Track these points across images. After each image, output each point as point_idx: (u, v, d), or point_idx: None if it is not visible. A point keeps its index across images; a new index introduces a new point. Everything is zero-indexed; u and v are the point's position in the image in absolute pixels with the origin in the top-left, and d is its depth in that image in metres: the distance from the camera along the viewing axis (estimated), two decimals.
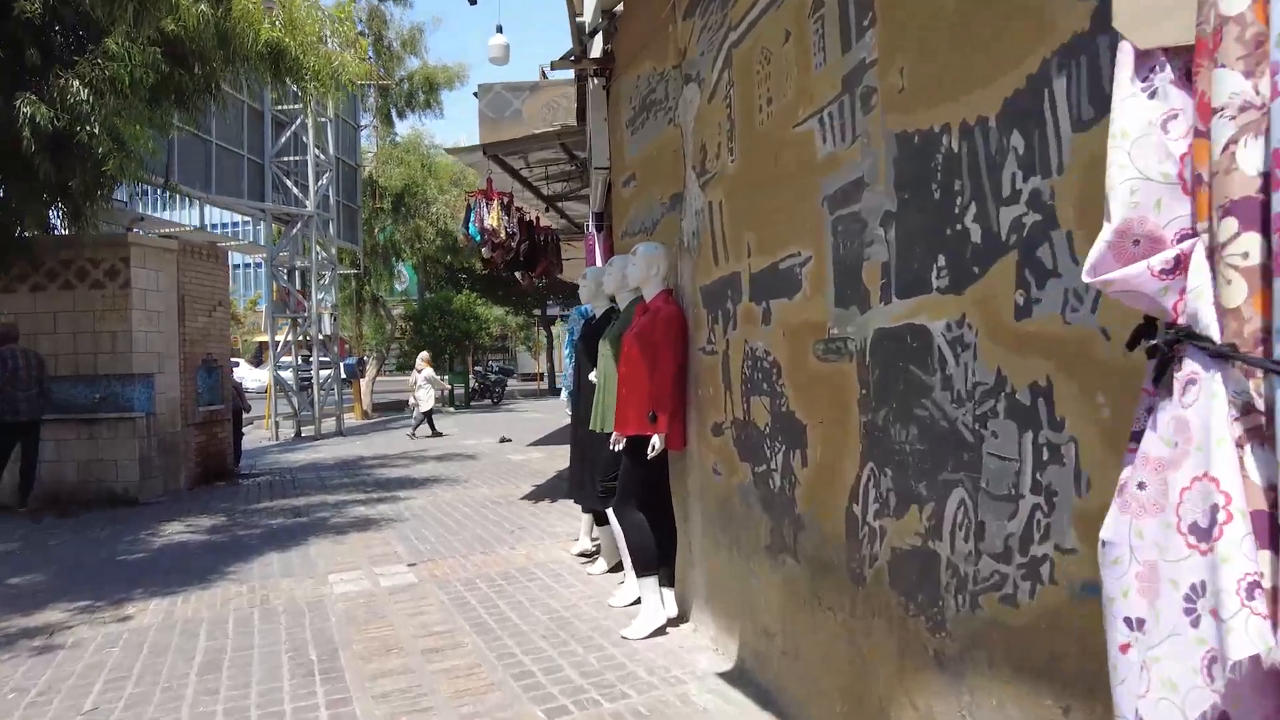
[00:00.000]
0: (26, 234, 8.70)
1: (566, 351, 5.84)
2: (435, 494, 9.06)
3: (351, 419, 20.30)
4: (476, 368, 29.51)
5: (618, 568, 5.38)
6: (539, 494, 8.74)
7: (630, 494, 4.18)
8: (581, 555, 5.87)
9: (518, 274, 9.30)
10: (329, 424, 17.77)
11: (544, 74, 12.70)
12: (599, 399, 4.77)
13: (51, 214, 8.99)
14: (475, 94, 13.65)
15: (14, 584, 5.86)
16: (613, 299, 5.12)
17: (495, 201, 7.46)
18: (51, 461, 9.11)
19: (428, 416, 16.04)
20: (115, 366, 9.18)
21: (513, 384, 33.71)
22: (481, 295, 27.54)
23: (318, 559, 6.20)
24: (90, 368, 9.21)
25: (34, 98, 7.05)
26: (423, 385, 16.04)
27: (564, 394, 6.74)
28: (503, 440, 14.52)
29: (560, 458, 11.46)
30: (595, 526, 5.55)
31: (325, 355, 18.05)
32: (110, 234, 9.11)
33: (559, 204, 10.17)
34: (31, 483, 8.75)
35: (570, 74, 13.14)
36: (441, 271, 27.12)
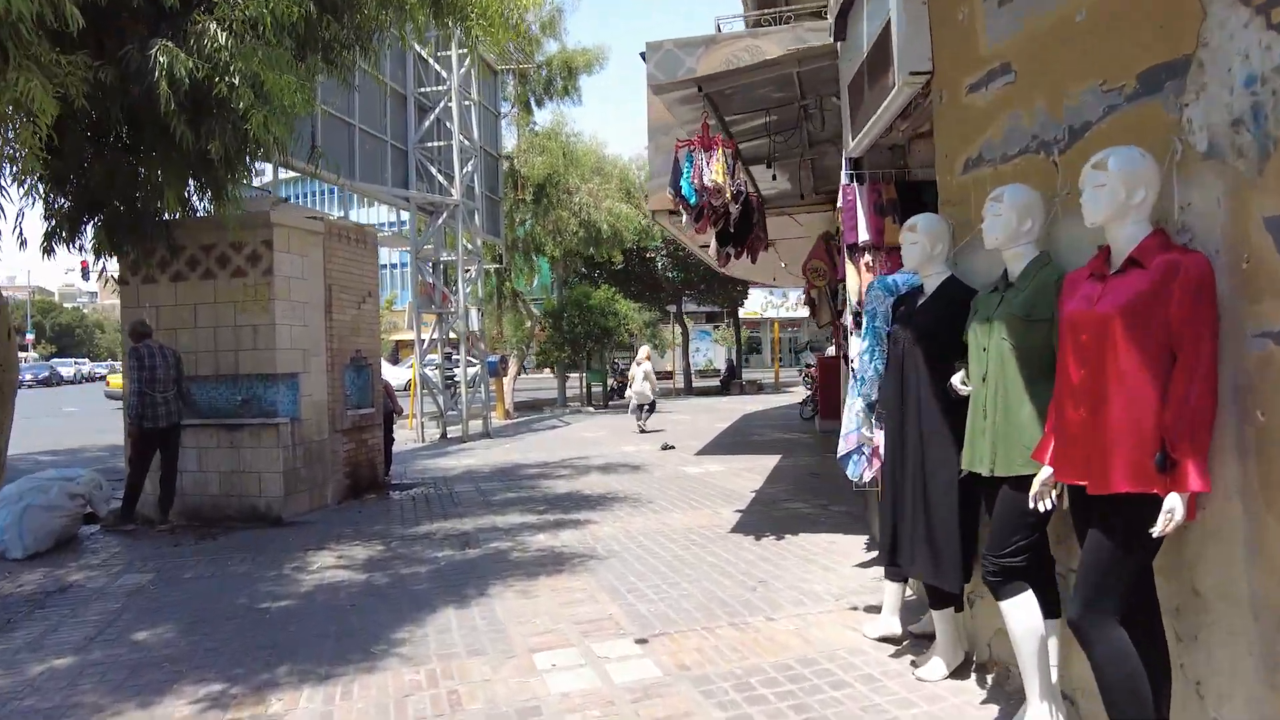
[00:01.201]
0: (166, 215, 7.62)
1: (867, 344, 4.06)
2: (621, 518, 7.47)
3: (494, 419, 19.20)
4: (624, 367, 28.20)
5: (961, 671, 3.58)
6: (752, 526, 7.02)
7: (1115, 596, 2.36)
8: (885, 640, 4.09)
9: (716, 251, 7.59)
10: (475, 425, 16.65)
11: (719, 28, 11.07)
12: (980, 421, 2.99)
13: (191, 195, 7.89)
14: (641, 55, 12.13)
15: (140, 641, 4.57)
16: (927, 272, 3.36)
17: (719, 150, 5.77)
18: (193, 472, 8.05)
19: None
20: (257, 365, 8.02)
21: None
22: (619, 290, 26.14)
23: (508, 621, 4.66)
24: (231, 367, 8.09)
25: (171, 45, 5.85)
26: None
27: (854, 404, 4.99)
28: (665, 448, 12.91)
29: (747, 474, 9.73)
30: (921, 607, 3.74)
31: (470, 353, 16.94)
32: (252, 213, 7.96)
33: (768, 167, 8.39)
34: (172, 495, 7.69)
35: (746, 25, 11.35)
36: (580, 265, 25.90)
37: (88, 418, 23.27)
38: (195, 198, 7.43)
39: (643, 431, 15.71)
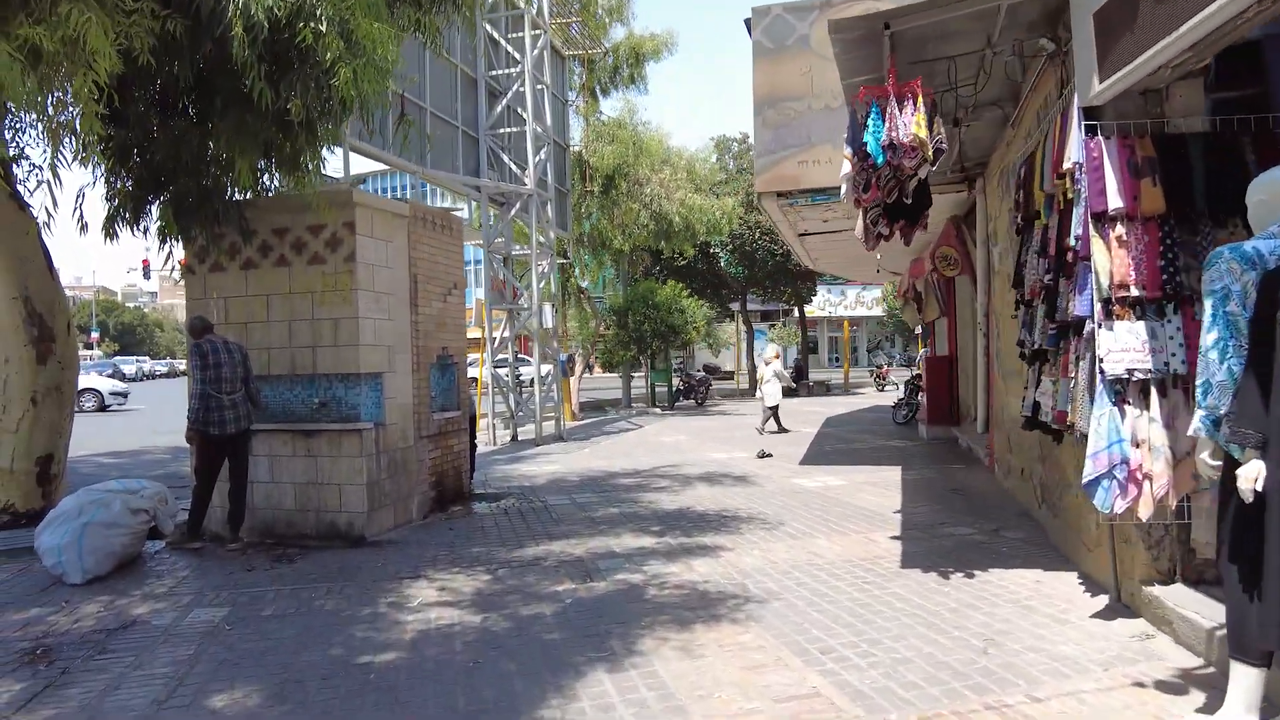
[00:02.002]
0: (237, 193, 6.75)
1: (1215, 337, 2.91)
2: (758, 545, 6.39)
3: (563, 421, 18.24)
4: (679, 365, 27.15)
5: None
6: (923, 557, 5.90)
7: None
8: None
9: (866, 229, 6.46)
10: (546, 427, 15.70)
11: None
12: None
13: (264, 171, 6.99)
14: (746, 22, 11.04)
15: (218, 710, 3.62)
16: None
17: (919, 99, 4.64)
18: (265, 483, 7.16)
19: (773, 412, 14.94)
20: (338, 363, 7.10)
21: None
22: (687, 287, 25.06)
23: (683, 693, 3.62)
24: (308, 365, 7.18)
25: None
26: (770, 379, 14.77)
27: (1103, 413, 3.86)
28: (763, 455, 11.80)
29: (872, 489, 8.58)
30: None
31: (544, 352, 16.00)
32: (333, 190, 7.05)
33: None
34: (242, 511, 6.81)
35: None
36: (647, 260, 24.89)
37: (149, 417, 22.88)
38: (268, 175, 6.53)
39: (776, 431, 15.05)
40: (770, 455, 11.85)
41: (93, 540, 5.85)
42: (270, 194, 7.09)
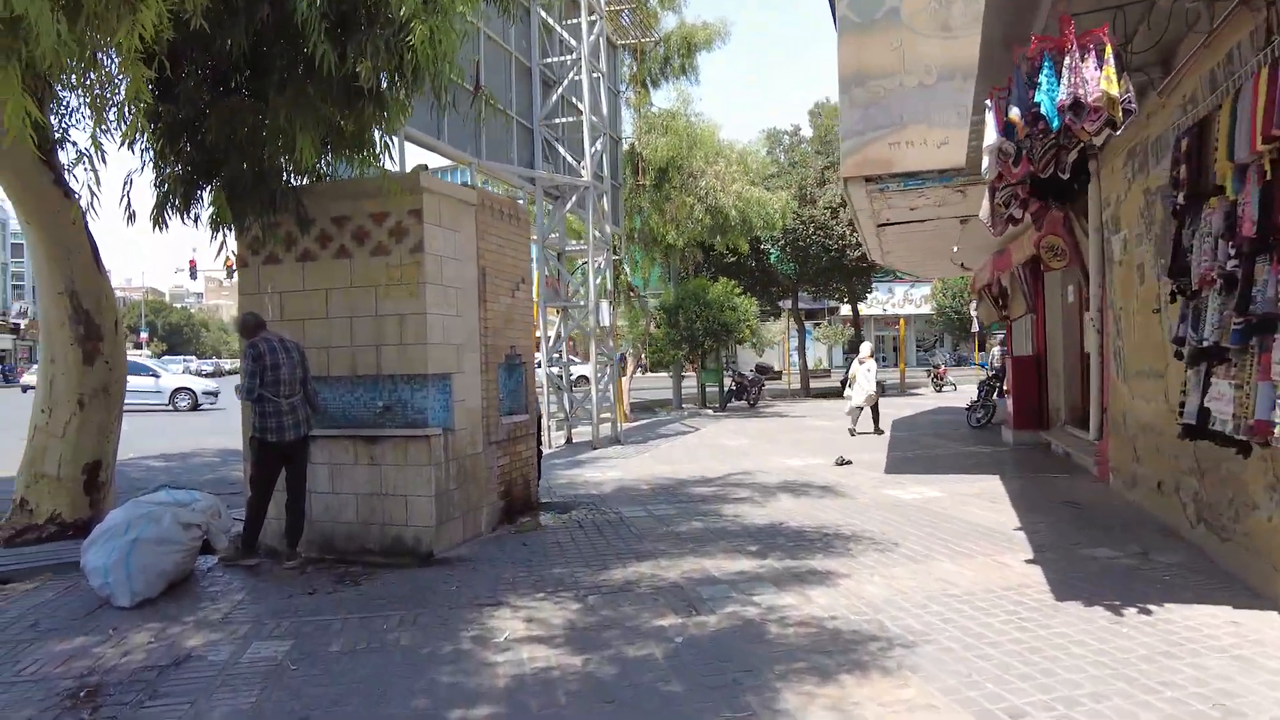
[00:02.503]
0: (295, 176, 6.17)
1: None
2: (876, 569, 5.67)
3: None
4: (731, 365, 26.38)
5: None
6: (1074, 587, 5.14)
7: None
8: None
9: (993, 212, 5.68)
10: (602, 429, 15.07)
11: None
12: None
13: (328, 152, 6.40)
14: None
15: None
16: None
17: (1107, 50, 3.87)
18: (324, 493, 6.58)
19: (871, 410, 14.76)
20: (404, 364, 6.49)
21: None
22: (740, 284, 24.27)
23: None
24: (371, 365, 6.59)
25: None
26: (862, 377, 14.45)
27: None
28: (842, 463, 11.02)
29: (978, 501, 7.79)
30: None
31: (600, 351, 15.36)
32: (399, 174, 6.46)
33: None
34: (301, 524, 6.23)
35: None
36: (699, 256, 24.16)
37: (196, 416, 22.68)
38: (331, 155, 5.92)
39: (871, 431, 14.69)
40: (850, 462, 11.07)
41: (142, 558, 5.30)
42: (331, 177, 6.52)
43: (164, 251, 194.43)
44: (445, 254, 6.71)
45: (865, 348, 15.21)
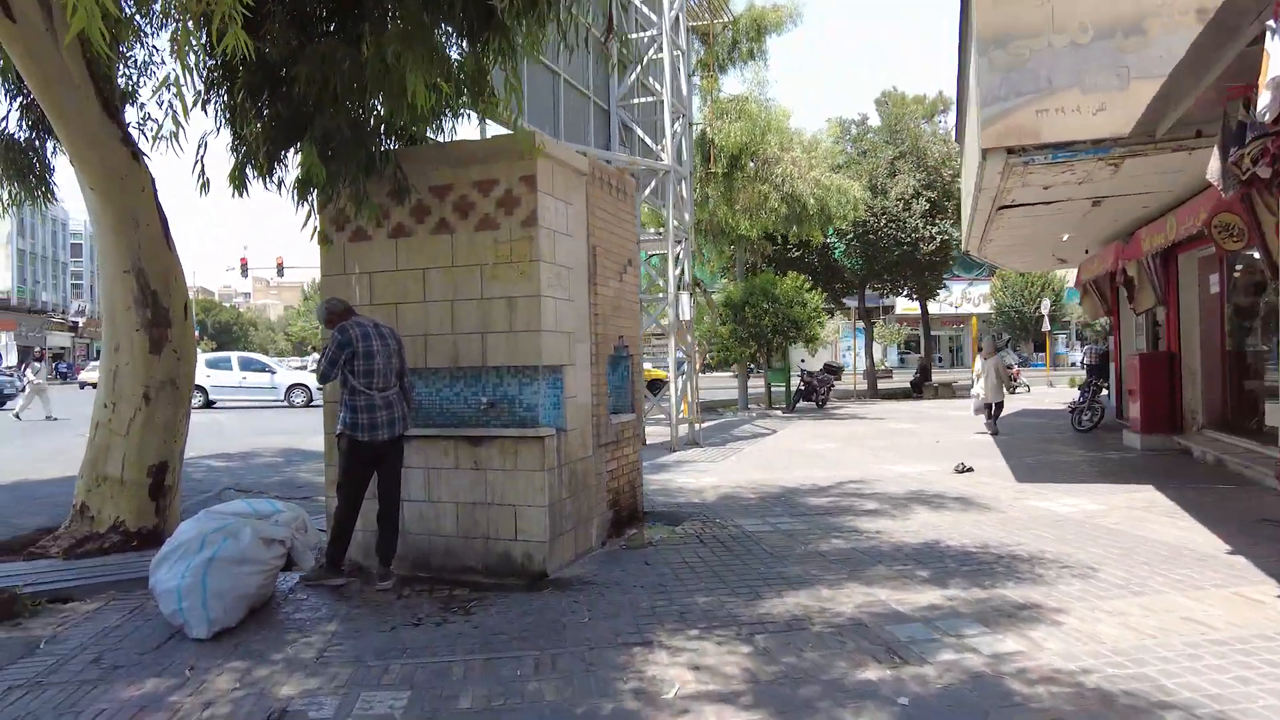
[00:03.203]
0: (392, 141, 5.32)
1: None
2: (1090, 600, 4.66)
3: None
4: (800, 364, 25.26)
5: None
6: None
7: None
8: None
9: (1261, 169, 4.65)
10: (680, 429, 14.12)
11: None
12: None
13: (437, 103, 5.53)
14: None
15: None
16: None
17: None
18: (418, 502, 5.73)
19: (993, 408, 14.16)
20: (513, 354, 5.62)
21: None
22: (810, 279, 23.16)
23: None
24: (475, 356, 5.72)
25: None
26: (989, 373, 13.95)
27: None
28: (962, 470, 9.96)
29: (1151, 514, 6.71)
30: None
31: (679, 348, 14.43)
32: (510, 135, 5.59)
33: None
34: (395, 537, 5.38)
35: None
36: (768, 249, 23.12)
37: (249, 415, 22.21)
38: (448, 105, 5.05)
39: (995, 434, 13.95)
40: (971, 469, 10.00)
41: (220, 581, 4.47)
42: (436, 137, 5.66)
43: (215, 251, 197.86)
44: (558, 229, 5.83)
45: (987, 343, 14.65)
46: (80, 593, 5.24)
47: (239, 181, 5.01)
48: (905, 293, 29.45)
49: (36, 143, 6.47)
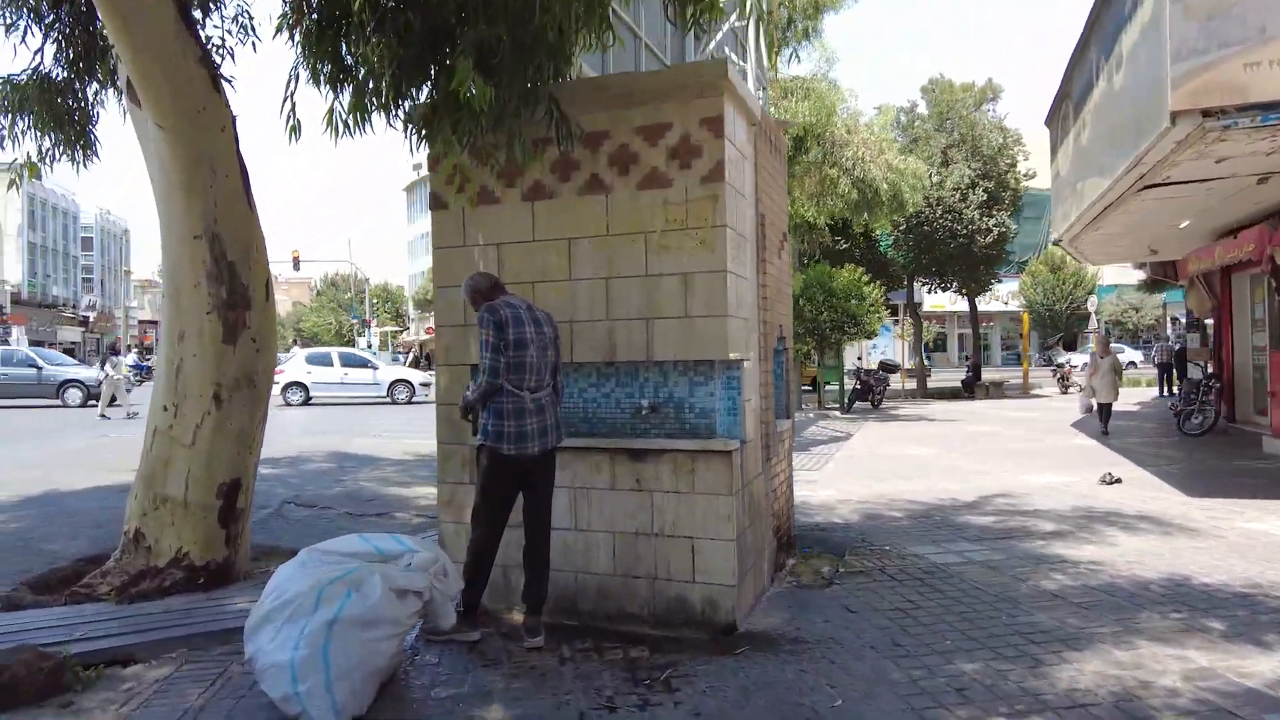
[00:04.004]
0: (546, 68, 4.11)
1: None
2: None
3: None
4: (858, 361, 24.06)
5: None
6: None
7: None
8: None
9: None
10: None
11: None
12: None
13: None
14: None
15: None
16: None
17: None
18: (563, 529, 4.54)
19: (1105, 409, 13.33)
20: (688, 345, 4.41)
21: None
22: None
23: None
24: (638, 347, 4.51)
25: None
26: (1105, 373, 13.18)
27: None
28: (1110, 481, 8.73)
29: None
30: None
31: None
32: (690, 68, 4.38)
33: None
34: (546, 577, 4.18)
35: None
36: (828, 238, 21.87)
37: (288, 415, 21.06)
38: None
39: (1105, 433, 13.05)
40: (1119, 480, 8.77)
41: (345, 652, 3.28)
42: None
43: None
44: (738, 188, 4.62)
45: (1099, 340, 14.19)
46: (143, 651, 4.05)
47: (360, 110, 3.81)
48: (954, 287, 28.17)
49: (77, 85, 5.27)
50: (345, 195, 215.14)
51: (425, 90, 4.06)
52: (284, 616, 3.37)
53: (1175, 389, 21.02)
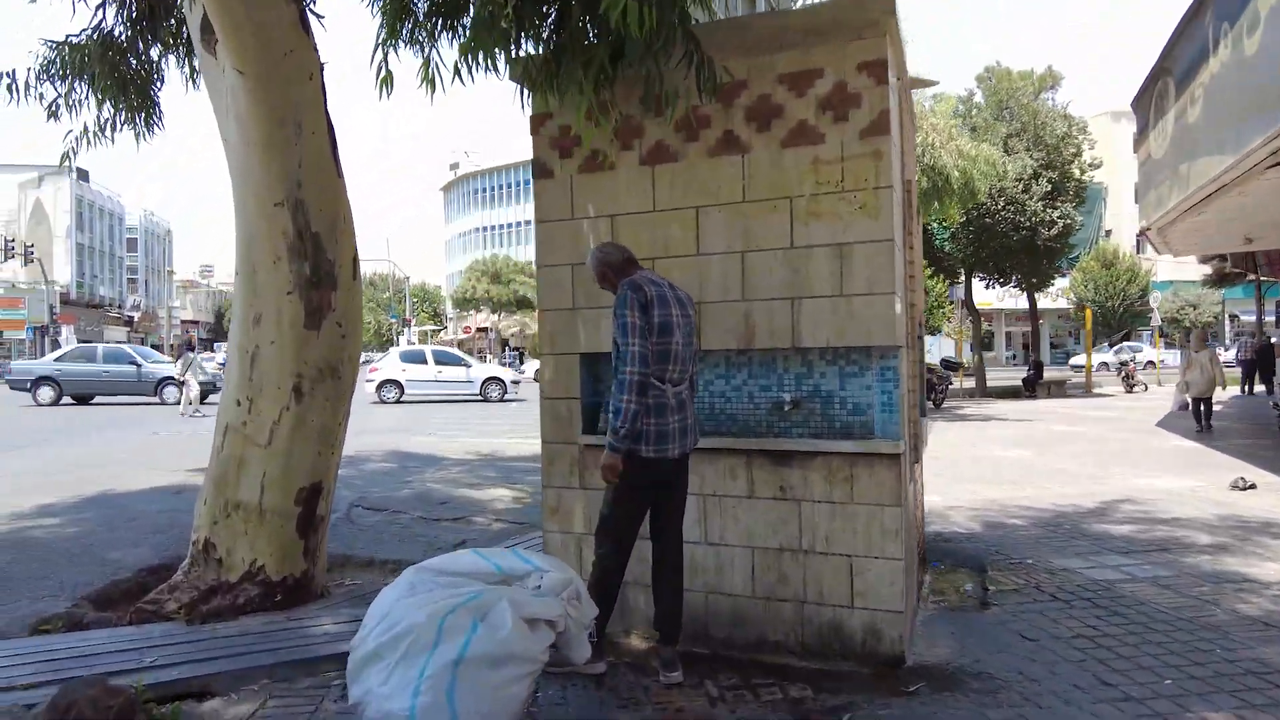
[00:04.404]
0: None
1: None
2: None
3: None
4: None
5: None
6: None
7: None
8: None
9: None
10: None
11: None
12: None
13: None
14: None
15: None
16: None
17: None
18: (691, 543, 3.90)
19: (1203, 405, 12.69)
20: (844, 329, 3.77)
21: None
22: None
23: None
24: (780, 333, 3.89)
25: None
26: (1202, 367, 12.55)
27: None
28: (1244, 486, 7.94)
29: None
30: None
31: None
32: (847, 3, 3.74)
33: None
34: (681, 600, 3.57)
35: None
36: None
37: (532, 407, 20.83)
38: None
39: (1201, 430, 12.53)
40: (1253, 486, 7.97)
41: (475, 697, 2.70)
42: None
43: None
44: (897, 143, 3.96)
45: (1196, 334, 13.44)
46: (220, 683, 3.50)
47: (472, 54, 3.22)
48: (1014, 282, 27.16)
49: (140, 45, 4.76)
50: (381, 195, 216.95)
51: (545, 32, 3.46)
52: (397, 653, 2.79)
53: (1264, 387, 19.98)
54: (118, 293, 61.05)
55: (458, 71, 3.38)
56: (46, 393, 21.41)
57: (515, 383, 25.07)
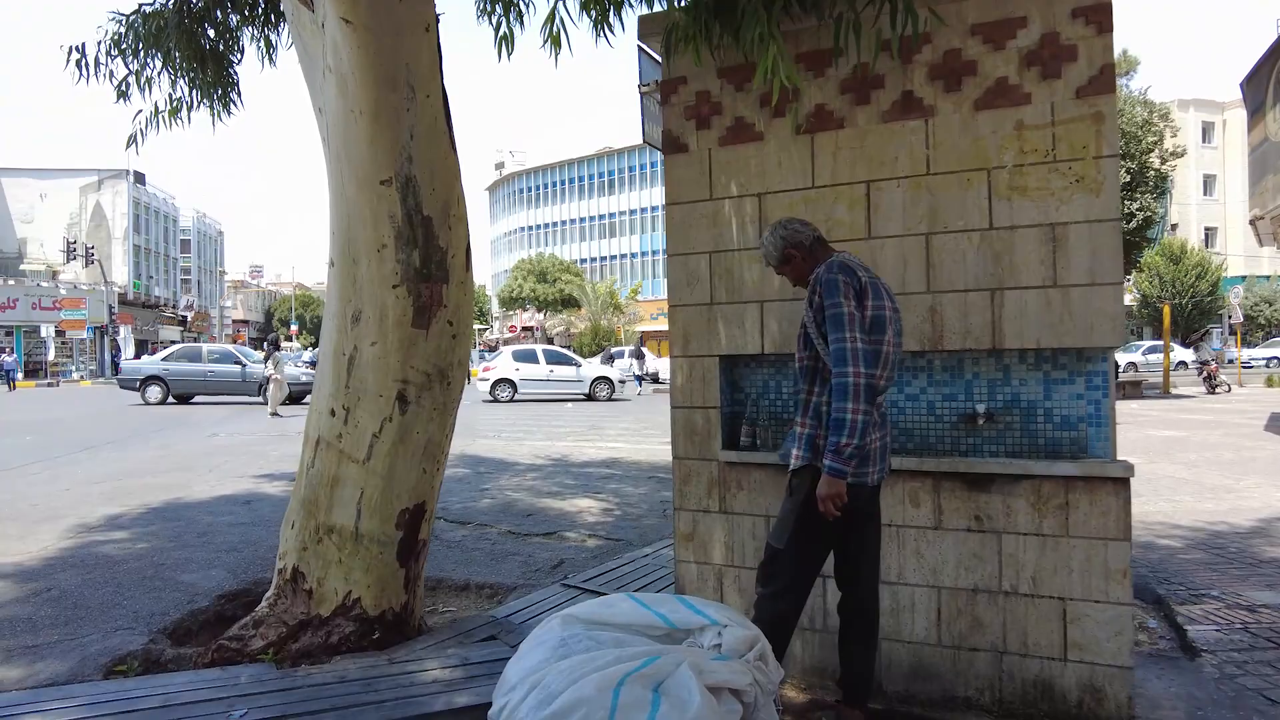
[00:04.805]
0: None
1: None
2: None
3: None
4: None
5: None
6: None
7: None
8: None
9: None
10: None
11: None
12: None
13: None
14: None
15: None
16: None
17: None
18: (894, 585, 3.26)
19: None
20: (1058, 327, 3.14)
21: None
22: None
23: None
24: (976, 331, 3.26)
25: None
26: None
27: None
28: None
29: None
30: None
31: None
32: None
33: None
34: (875, 651, 2.95)
35: None
36: None
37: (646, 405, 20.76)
38: None
39: None
40: None
41: None
42: None
43: (315, 241, 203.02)
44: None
45: None
46: None
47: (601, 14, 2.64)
48: None
49: (218, 14, 4.28)
50: None
51: None
52: None
53: None
54: (172, 293, 62.01)
55: (598, 22, 2.81)
56: (154, 391, 21.90)
57: (623, 382, 25.26)
